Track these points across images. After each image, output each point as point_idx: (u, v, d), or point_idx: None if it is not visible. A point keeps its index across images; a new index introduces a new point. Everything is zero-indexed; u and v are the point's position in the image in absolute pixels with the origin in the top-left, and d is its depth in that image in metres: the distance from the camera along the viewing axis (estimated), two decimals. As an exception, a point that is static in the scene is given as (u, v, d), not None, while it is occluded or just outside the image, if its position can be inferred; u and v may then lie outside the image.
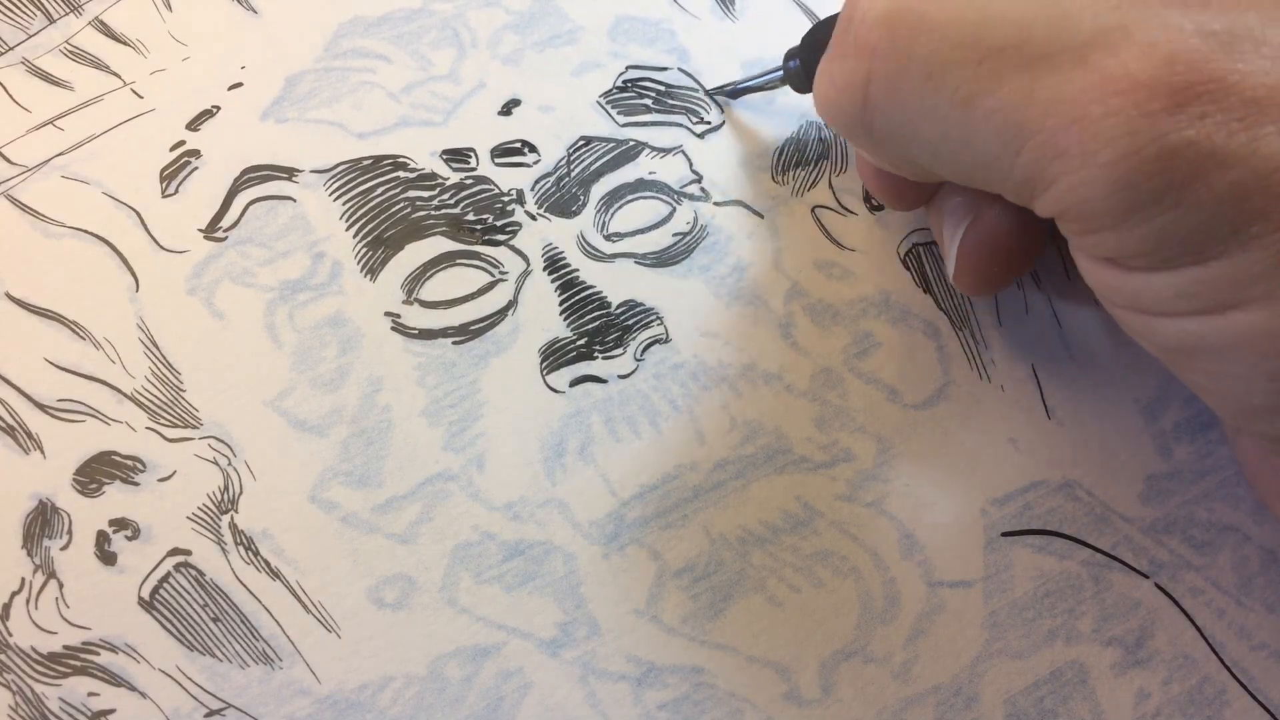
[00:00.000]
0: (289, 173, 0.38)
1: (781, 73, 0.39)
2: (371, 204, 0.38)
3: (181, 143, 0.38)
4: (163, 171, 0.37)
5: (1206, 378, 0.28)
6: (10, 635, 0.33)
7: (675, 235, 0.39)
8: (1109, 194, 0.25)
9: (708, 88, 0.41)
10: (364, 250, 0.37)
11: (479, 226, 0.38)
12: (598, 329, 0.38)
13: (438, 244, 0.38)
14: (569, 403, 0.37)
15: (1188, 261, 0.26)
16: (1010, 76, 0.26)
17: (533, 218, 0.38)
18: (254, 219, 0.37)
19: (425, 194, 0.38)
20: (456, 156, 0.39)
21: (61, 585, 0.34)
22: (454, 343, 0.37)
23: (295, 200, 0.38)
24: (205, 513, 0.35)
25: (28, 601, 0.34)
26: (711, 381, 0.38)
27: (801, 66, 0.38)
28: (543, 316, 0.38)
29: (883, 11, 0.28)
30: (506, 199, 0.38)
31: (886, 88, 0.29)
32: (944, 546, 0.37)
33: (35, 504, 0.34)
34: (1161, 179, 0.25)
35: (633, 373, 0.37)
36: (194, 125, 0.38)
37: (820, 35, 0.37)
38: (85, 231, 0.36)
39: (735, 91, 0.41)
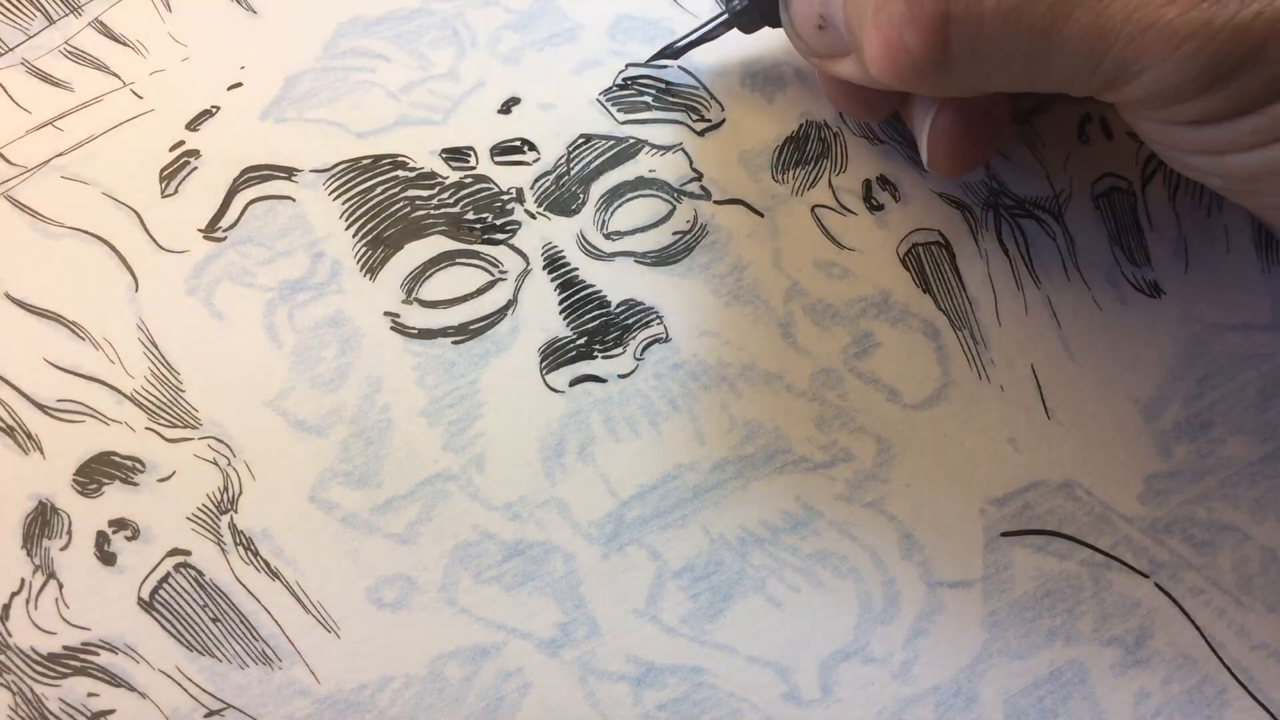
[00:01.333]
0: (288, 172, 0.38)
1: (726, 17, 0.39)
2: (371, 203, 0.38)
3: (181, 143, 0.38)
4: (162, 171, 0.37)
5: (1274, 197, 0.31)
6: (10, 636, 0.33)
7: (675, 234, 0.39)
8: (1194, 77, 0.28)
9: (645, 59, 0.41)
10: (363, 250, 0.37)
11: (478, 225, 0.38)
12: (597, 328, 0.38)
13: (437, 243, 0.38)
14: (569, 402, 0.37)
15: (1263, 104, 0.28)
16: (1079, 1, 0.28)
17: (532, 216, 0.38)
18: (253, 219, 0.37)
19: (425, 193, 0.38)
20: (456, 155, 0.39)
21: (61, 586, 0.34)
22: (453, 342, 0.37)
23: (295, 200, 0.38)
24: (205, 513, 0.35)
25: (27, 602, 0.34)
26: (711, 381, 0.38)
27: (751, 3, 0.38)
28: (542, 316, 0.38)
29: None
30: (506, 198, 0.38)
31: (967, 42, 0.30)
32: (944, 546, 0.37)
33: (35, 504, 0.34)
34: (1239, 51, 0.27)
35: (632, 372, 0.37)
36: (193, 125, 0.38)
37: None
38: (85, 232, 0.36)
39: (678, 50, 0.40)
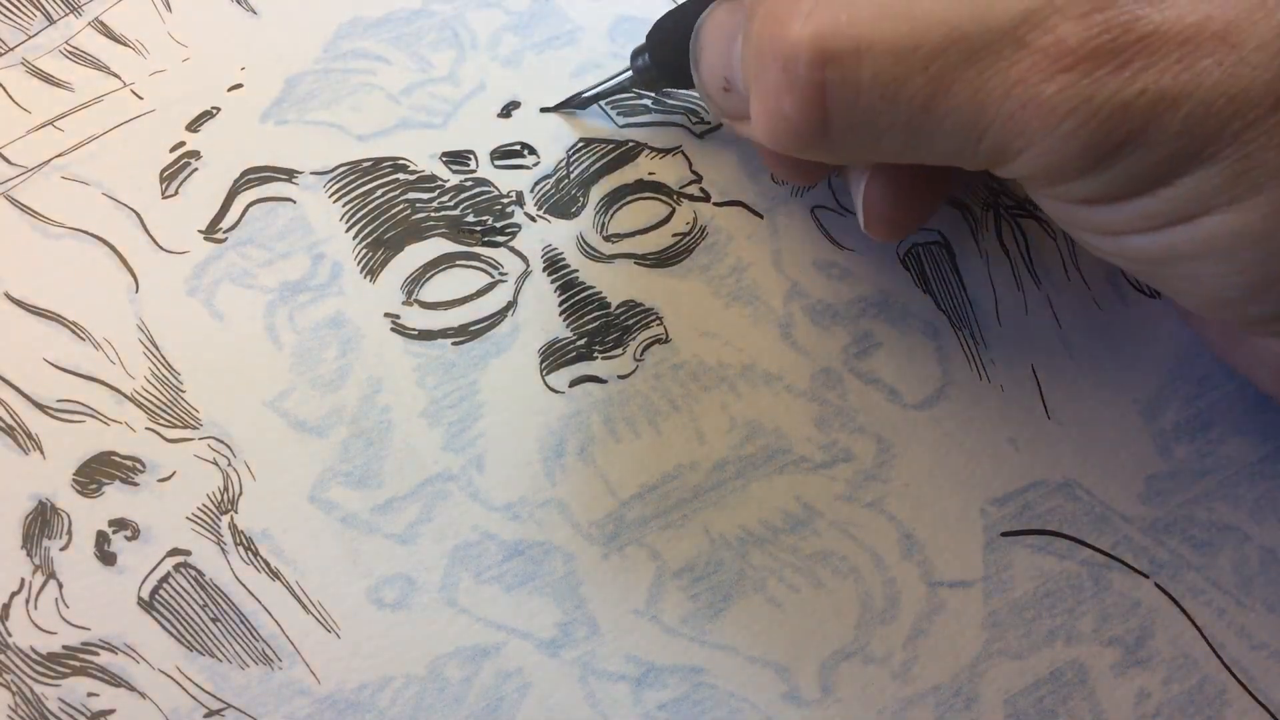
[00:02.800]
0: (289, 174, 0.38)
1: (630, 73, 0.38)
2: (371, 206, 0.38)
3: (181, 144, 0.38)
4: (162, 172, 0.37)
5: (1180, 280, 0.30)
6: (10, 635, 0.33)
7: (675, 235, 0.39)
8: (1074, 156, 0.27)
9: (547, 106, 0.40)
10: (364, 251, 0.37)
11: (479, 228, 0.38)
12: (597, 329, 0.38)
13: (437, 245, 0.38)
14: (569, 403, 0.37)
15: (1153, 186, 0.28)
16: (959, 74, 0.27)
17: (532, 219, 0.38)
18: (254, 220, 0.37)
19: (425, 196, 0.38)
20: (456, 158, 0.39)
21: (61, 585, 0.34)
22: (454, 343, 0.37)
23: (295, 202, 0.38)
24: (205, 513, 0.35)
25: (27, 602, 0.34)
26: (711, 381, 0.38)
27: (653, 64, 0.37)
28: (542, 317, 0.38)
29: (819, 47, 0.28)
30: (506, 200, 0.38)
31: (845, 116, 0.29)
32: (944, 546, 0.37)
33: (35, 504, 0.34)
34: (1121, 132, 0.26)
35: (632, 373, 0.37)
36: (194, 126, 0.38)
37: (669, 27, 0.37)
38: (85, 232, 0.37)
39: (584, 101, 0.40)
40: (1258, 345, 0.36)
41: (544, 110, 0.40)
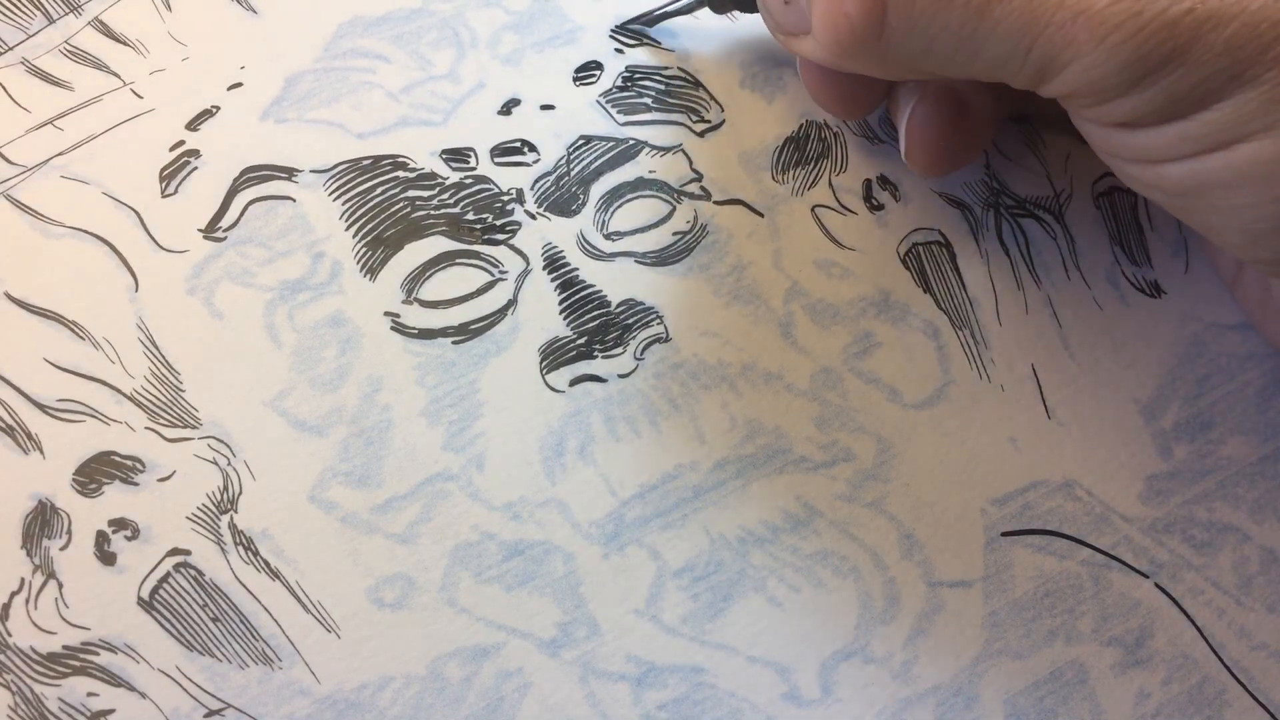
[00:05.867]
0: (288, 173, 0.38)
1: None
2: (371, 204, 0.38)
3: (181, 143, 0.38)
4: (162, 171, 0.37)
5: (1214, 213, 0.31)
6: (10, 635, 0.33)
7: (675, 234, 0.39)
8: (1120, 69, 0.28)
9: (618, 24, 0.41)
10: (363, 250, 0.37)
11: (479, 226, 0.38)
12: (598, 328, 0.38)
13: (437, 243, 0.38)
14: (569, 402, 0.37)
15: (1193, 110, 0.29)
16: None
17: (532, 217, 0.38)
18: (253, 219, 0.37)
19: (425, 194, 0.38)
20: (456, 156, 0.39)
21: (61, 585, 0.34)
22: (453, 342, 0.37)
23: (295, 200, 0.38)
24: (205, 513, 0.35)
25: (27, 601, 0.34)
26: (711, 381, 0.38)
27: None
28: (542, 316, 0.38)
29: None
30: (506, 198, 0.38)
31: (903, 14, 0.31)
32: (944, 546, 0.37)
33: (35, 504, 0.34)
34: (1166, 47, 0.28)
35: (633, 372, 0.37)
36: (193, 125, 0.38)
37: None
38: (85, 231, 0.36)
39: (651, 19, 0.41)
40: None
41: (616, 29, 0.41)
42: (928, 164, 0.37)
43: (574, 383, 0.37)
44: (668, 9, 0.40)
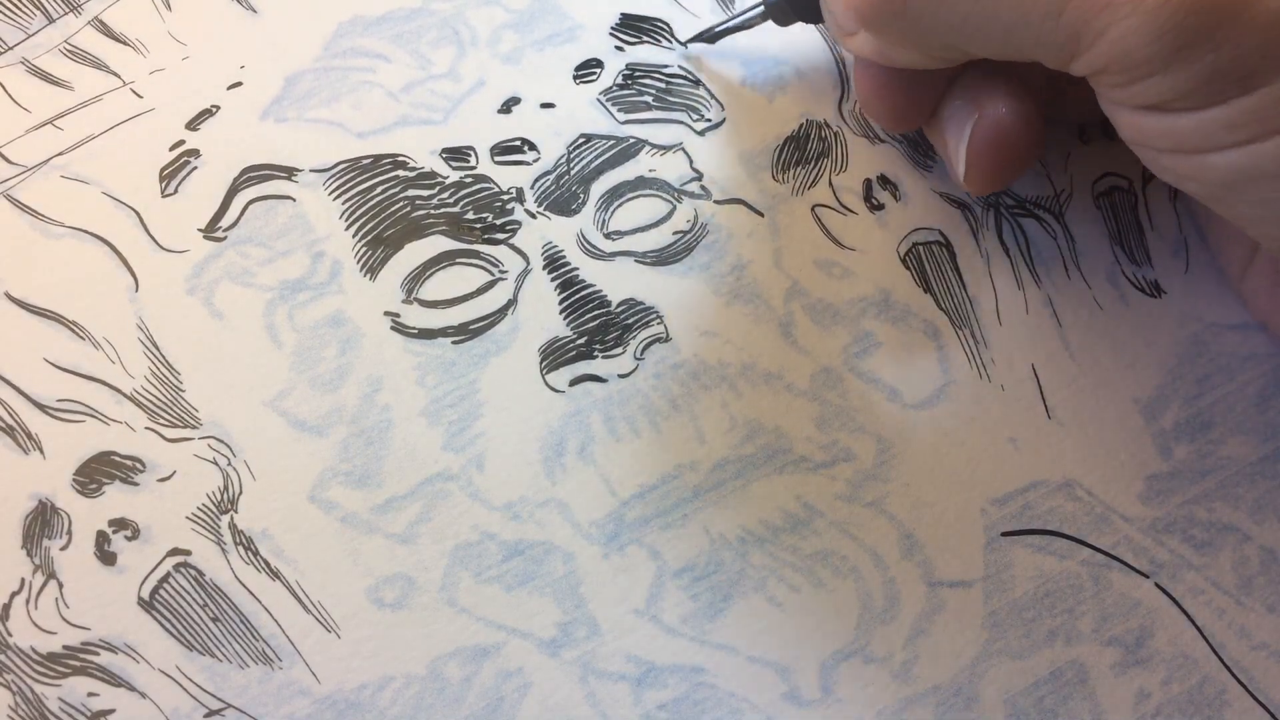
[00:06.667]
0: (288, 172, 0.38)
1: (762, 8, 0.39)
2: (371, 203, 0.38)
3: (181, 142, 0.38)
4: (162, 171, 0.37)
5: (1255, 207, 0.29)
6: (10, 635, 0.33)
7: (675, 233, 0.39)
8: (1156, 38, 0.26)
9: (683, 39, 0.41)
10: (363, 249, 0.37)
11: (479, 225, 0.38)
12: (597, 328, 0.38)
13: (437, 243, 0.38)
14: (569, 402, 0.37)
15: (1234, 93, 0.27)
16: None
17: (532, 216, 0.38)
18: (253, 218, 0.37)
19: (425, 193, 0.38)
20: (456, 155, 0.39)
21: (61, 585, 0.34)
22: (453, 342, 0.37)
23: (295, 200, 0.38)
24: (205, 513, 0.35)
25: (27, 602, 0.34)
26: (711, 381, 0.38)
27: None
28: (542, 315, 0.38)
29: None
30: (506, 197, 0.38)
31: None
32: (944, 546, 0.37)
33: (35, 504, 0.34)
34: (1208, 16, 0.25)
35: (633, 372, 0.37)
36: (193, 125, 0.38)
37: None
38: (85, 231, 0.36)
39: (714, 36, 0.41)
40: None
41: (682, 43, 0.41)
42: (988, 185, 0.36)
43: (574, 383, 0.37)
44: (729, 24, 0.40)
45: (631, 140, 0.40)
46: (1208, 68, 0.26)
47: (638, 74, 0.40)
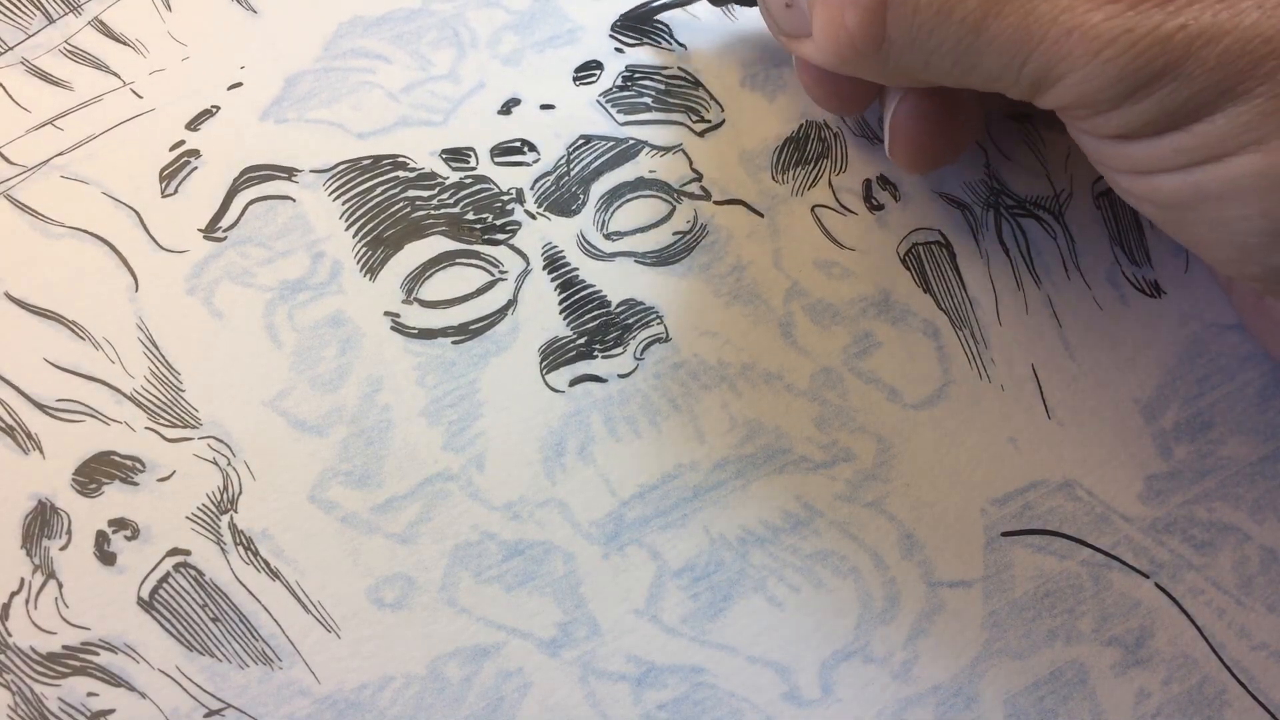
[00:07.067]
0: (288, 172, 0.38)
1: None
2: (371, 204, 0.38)
3: (181, 142, 0.38)
4: (162, 171, 0.37)
5: (1204, 226, 0.31)
6: (10, 635, 0.33)
7: (675, 234, 0.39)
8: (1114, 83, 0.29)
9: (617, 19, 0.41)
10: (363, 250, 0.37)
11: (479, 226, 0.38)
12: (597, 328, 0.38)
13: (437, 243, 0.38)
14: (569, 402, 0.37)
15: (1185, 122, 0.29)
16: None
17: (532, 217, 0.38)
18: (253, 219, 0.37)
19: (425, 193, 0.38)
20: (456, 156, 0.39)
21: (61, 585, 0.34)
22: (453, 342, 0.37)
23: (295, 200, 0.38)
24: (204, 513, 0.35)
25: (27, 602, 0.34)
26: (711, 381, 0.38)
27: None
28: (542, 315, 0.38)
29: None
30: (506, 198, 0.38)
31: (902, 31, 0.31)
32: (944, 546, 0.37)
33: (35, 504, 0.34)
34: (1160, 62, 0.28)
35: (633, 372, 0.37)
36: (193, 125, 0.38)
37: None
38: (85, 231, 0.36)
39: (649, 11, 0.41)
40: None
41: (615, 26, 0.41)
42: (911, 161, 0.38)
43: (574, 383, 0.37)
44: (664, 0, 0.40)
45: (631, 141, 0.40)
46: (1159, 104, 0.29)
47: (637, 75, 0.40)
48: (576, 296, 0.38)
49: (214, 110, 0.38)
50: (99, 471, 0.35)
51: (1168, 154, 0.30)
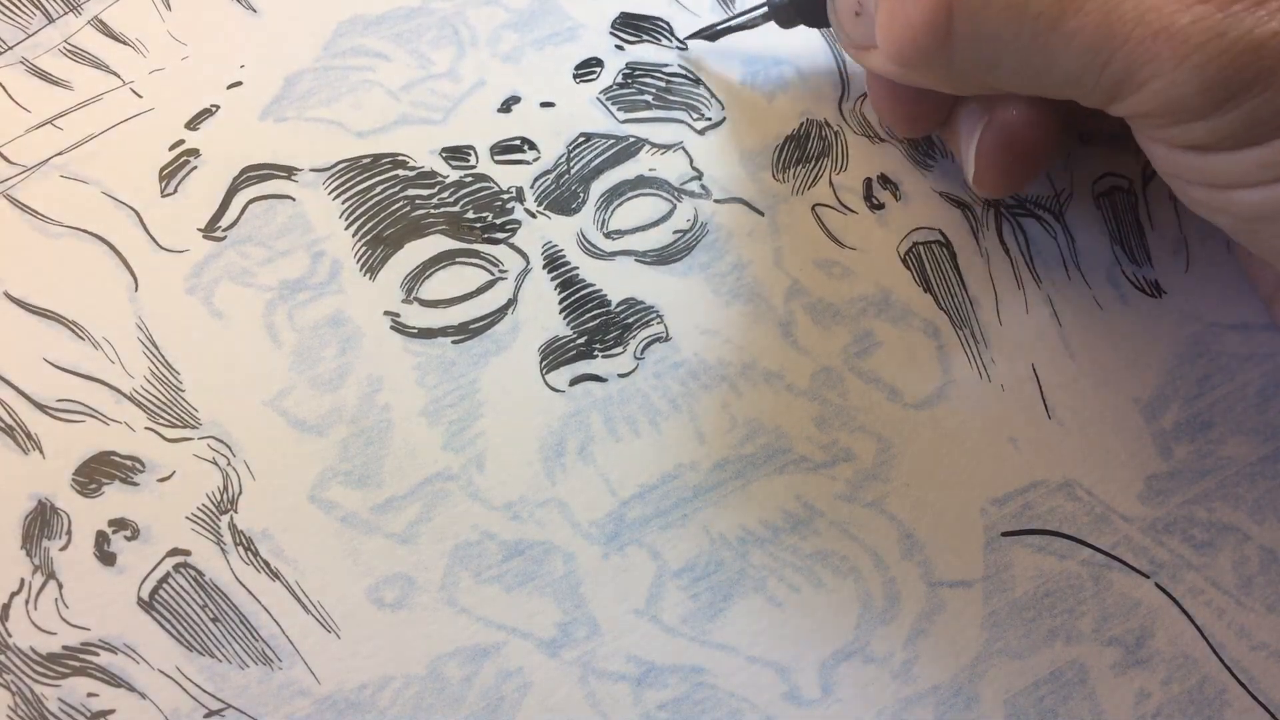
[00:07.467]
0: (288, 171, 0.38)
1: (765, 8, 0.39)
2: (371, 202, 0.38)
3: (181, 142, 0.38)
4: (162, 171, 0.37)
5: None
6: (10, 636, 0.33)
7: (675, 233, 0.39)
8: (1201, 90, 0.27)
9: (683, 35, 0.41)
10: (363, 249, 0.37)
11: (478, 224, 0.38)
12: (598, 327, 0.38)
13: (437, 242, 0.38)
14: (569, 402, 0.37)
15: (1270, 136, 0.27)
16: None
17: (532, 215, 0.38)
18: (253, 218, 0.37)
19: (425, 192, 0.38)
20: (456, 154, 0.39)
21: (61, 586, 0.34)
22: (453, 342, 0.37)
23: (294, 199, 0.38)
24: (204, 513, 0.35)
25: (27, 602, 0.34)
26: (711, 380, 0.38)
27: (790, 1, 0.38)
28: (542, 315, 0.38)
29: None
30: (506, 197, 0.38)
31: (970, 27, 0.29)
32: (944, 546, 0.37)
33: (34, 504, 0.34)
34: (1251, 71, 0.26)
35: (633, 371, 0.37)
36: (193, 124, 0.38)
37: None
38: (84, 231, 0.36)
39: (715, 33, 0.41)
40: None
41: (681, 40, 0.41)
42: (998, 187, 0.36)
43: (574, 382, 0.37)
44: (731, 23, 0.40)
45: (631, 139, 0.40)
46: (1247, 115, 0.27)
47: (638, 73, 0.40)
48: (576, 296, 0.38)
49: (213, 109, 0.38)
50: (99, 471, 0.35)
51: (1252, 169, 0.28)
